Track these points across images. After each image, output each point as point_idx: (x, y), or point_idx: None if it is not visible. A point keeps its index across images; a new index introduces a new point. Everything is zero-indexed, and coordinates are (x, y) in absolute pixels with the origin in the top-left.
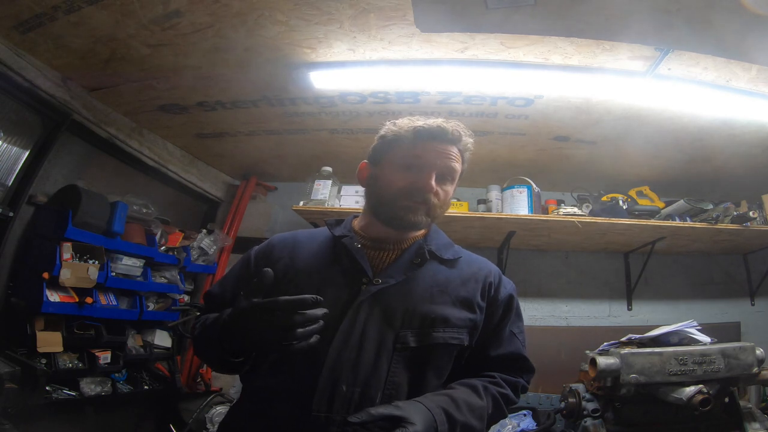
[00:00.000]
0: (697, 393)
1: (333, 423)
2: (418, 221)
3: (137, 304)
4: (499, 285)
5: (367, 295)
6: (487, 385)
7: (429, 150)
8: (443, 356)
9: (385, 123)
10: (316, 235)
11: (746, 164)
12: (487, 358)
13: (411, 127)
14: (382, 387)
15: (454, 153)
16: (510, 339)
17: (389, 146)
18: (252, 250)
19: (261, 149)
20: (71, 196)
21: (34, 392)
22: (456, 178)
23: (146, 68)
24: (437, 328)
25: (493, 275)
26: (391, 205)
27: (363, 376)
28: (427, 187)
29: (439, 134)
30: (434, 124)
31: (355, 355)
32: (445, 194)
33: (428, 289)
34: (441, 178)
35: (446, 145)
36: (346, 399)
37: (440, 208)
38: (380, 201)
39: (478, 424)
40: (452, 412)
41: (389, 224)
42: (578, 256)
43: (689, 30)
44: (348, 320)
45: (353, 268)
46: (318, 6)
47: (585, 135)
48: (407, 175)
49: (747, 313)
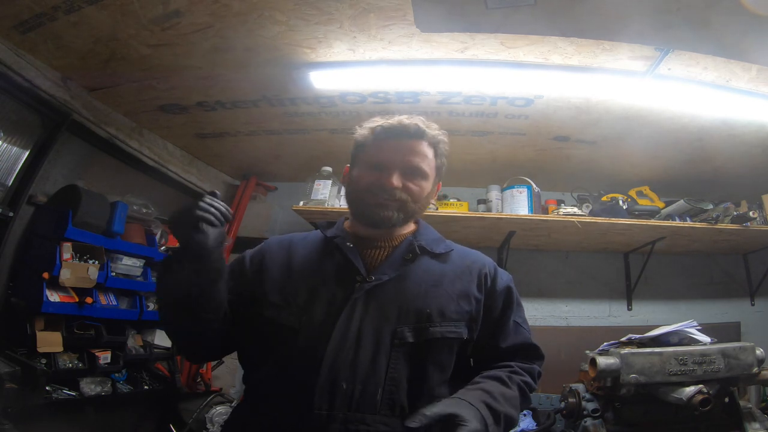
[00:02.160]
0: (697, 393)
1: (335, 420)
2: (389, 216)
3: (137, 304)
4: (496, 276)
5: (361, 292)
6: (510, 375)
7: (390, 148)
8: (443, 350)
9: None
10: (310, 238)
11: (746, 164)
12: (497, 349)
13: (371, 128)
14: (382, 383)
15: (420, 148)
16: (516, 329)
17: (360, 148)
18: (246, 252)
19: (261, 149)
20: (71, 196)
21: (34, 392)
22: (429, 173)
23: (146, 68)
24: (434, 323)
25: (488, 267)
26: (361, 203)
27: (362, 372)
28: (388, 184)
29: (399, 131)
30: (395, 122)
31: (353, 352)
32: (419, 189)
33: (422, 284)
34: (408, 174)
35: (409, 141)
36: (346, 396)
37: (414, 203)
38: (353, 200)
39: (515, 413)
40: (494, 405)
41: (365, 222)
42: (578, 256)
43: (689, 30)
44: (344, 318)
45: (347, 267)
46: (318, 6)
47: (585, 135)
48: (372, 173)
49: (747, 313)
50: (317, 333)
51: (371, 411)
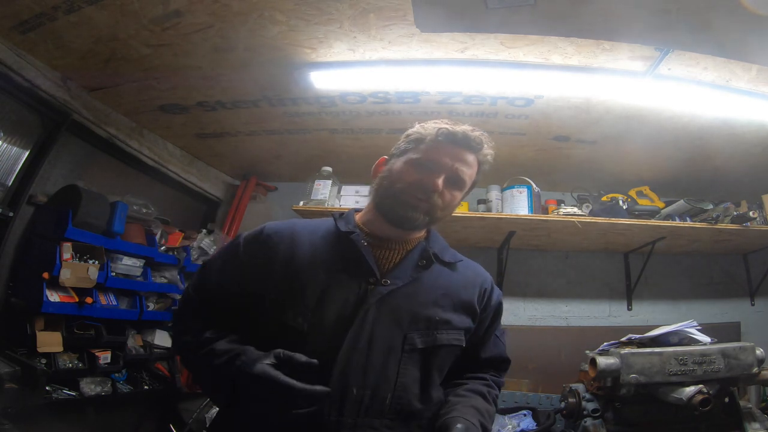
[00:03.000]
0: (697, 393)
1: (344, 426)
2: (415, 218)
3: (137, 304)
4: (492, 292)
5: (377, 297)
6: (489, 391)
7: (445, 152)
8: (447, 356)
9: (414, 124)
10: (317, 228)
11: (746, 164)
12: (478, 359)
13: (435, 128)
14: (392, 388)
15: (471, 160)
16: (496, 342)
17: (411, 144)
18: (240, 236)
19: (261, 149)
20: (71, 196)
21: (34, 392)
22: (466, 186)
23: (146, 68)
24: (441, 330)
25: (488, 282)
26: (395, 198)
27: (373, 378)
28: (433, 186)
29: (461, 139)
30: (459, 129)
31: (365, 357)
32: (452, 198)
33: (433, 292)
34: (450, 182)
35: (465, 150)
36: (356, 402)
37: (442, 211)
38: (386, 192)
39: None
40: (485, 424)
41: (388, 217)
42: (578, 256)
43: (689, 30)
44: (357, 323)
45: (360, 268)
46: (318, 6)
47: (585, 135)
48: (418, 170)
49: (747, 313)
50: (328, 337)
51: (379, 416)
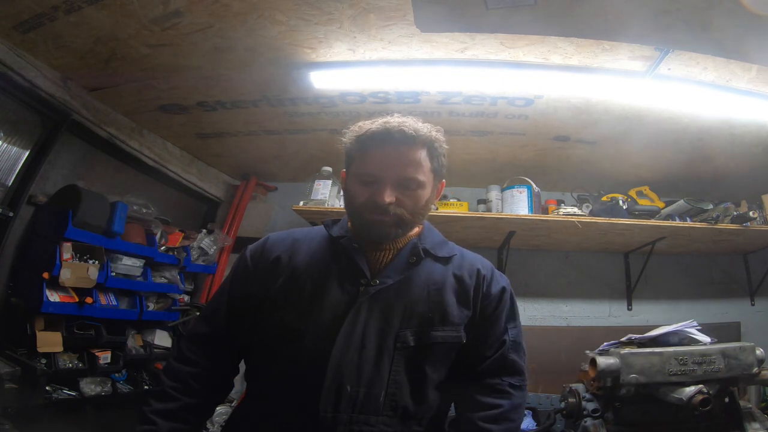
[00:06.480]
0: (697, 393)
1: (339, 422)
2: (387, 233)
3: (137, 304)
4: (492, 279)
5: (366, 296)
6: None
7: (378, 160)
8: (442, 354)
9: (352, 126)
10: (313, 235)
11: (746, 164)
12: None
13: (357, 136)
14: (385, 386)
15: (412, 155)
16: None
17: (349, 157)
18: (246, 249)
19: (261, 149)
20: (71, 196)
21: (34, 392)
22: (425, 180)
23: (146, 68)
24: (435, 327)
25: (486, 269)
26: (359, 219)
27: (366, 376)
28: (381, 201)
29: (386, 138)
30: (380, 127)
31: (358, 355)
32: (416, 198)
33: (425, 288)
34: (402, 186)
35: (399, 148)
36: (351, 399)
37: (412, 215)
38: (351, 214)
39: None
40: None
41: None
42: (578, 256)
43: (689, 30)
44: (349, 322)
45: (351, 270)
46: (318, 6)
47: (585, 135)
48: (365, 189)
49: (747, 313)
50: (323, 335)
51: (375, 413)
